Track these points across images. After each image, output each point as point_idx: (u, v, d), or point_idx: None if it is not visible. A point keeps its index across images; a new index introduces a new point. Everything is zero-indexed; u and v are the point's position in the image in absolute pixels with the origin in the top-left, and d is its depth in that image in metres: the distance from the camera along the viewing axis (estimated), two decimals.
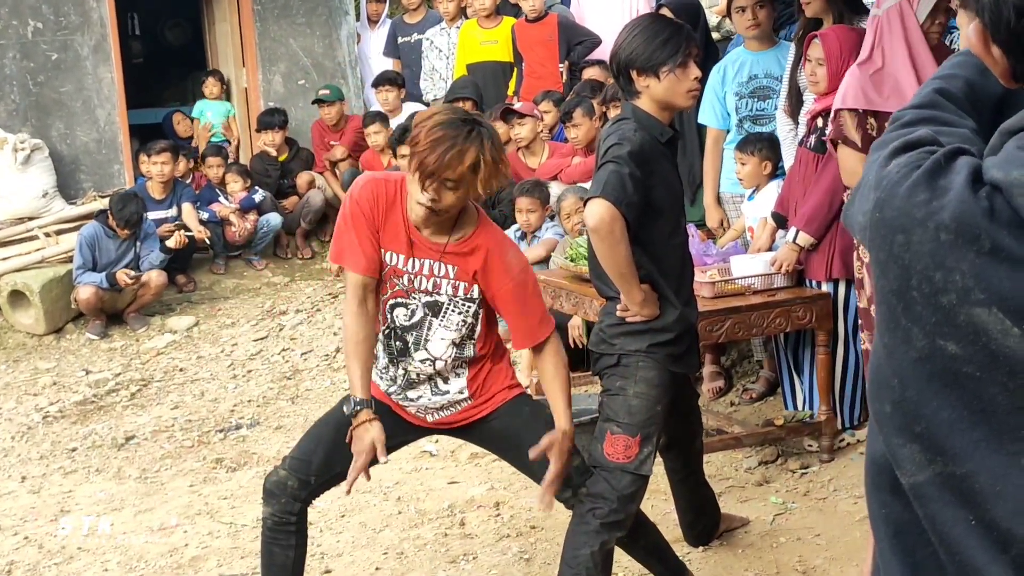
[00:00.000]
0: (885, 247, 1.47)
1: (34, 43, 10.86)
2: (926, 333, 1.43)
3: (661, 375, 4.17)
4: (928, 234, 1.42)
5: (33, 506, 6.26)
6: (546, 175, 8.42)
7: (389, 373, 4.07)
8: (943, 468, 1.44)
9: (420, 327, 3.95)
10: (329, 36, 12.24)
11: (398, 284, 3.92)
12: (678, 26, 4.24)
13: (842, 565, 4.69)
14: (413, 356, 3.99)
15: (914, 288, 1.43)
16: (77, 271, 9.42)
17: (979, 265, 1.38)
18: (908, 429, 1.47)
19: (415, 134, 3.65)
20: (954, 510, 1.43)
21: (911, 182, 1.46)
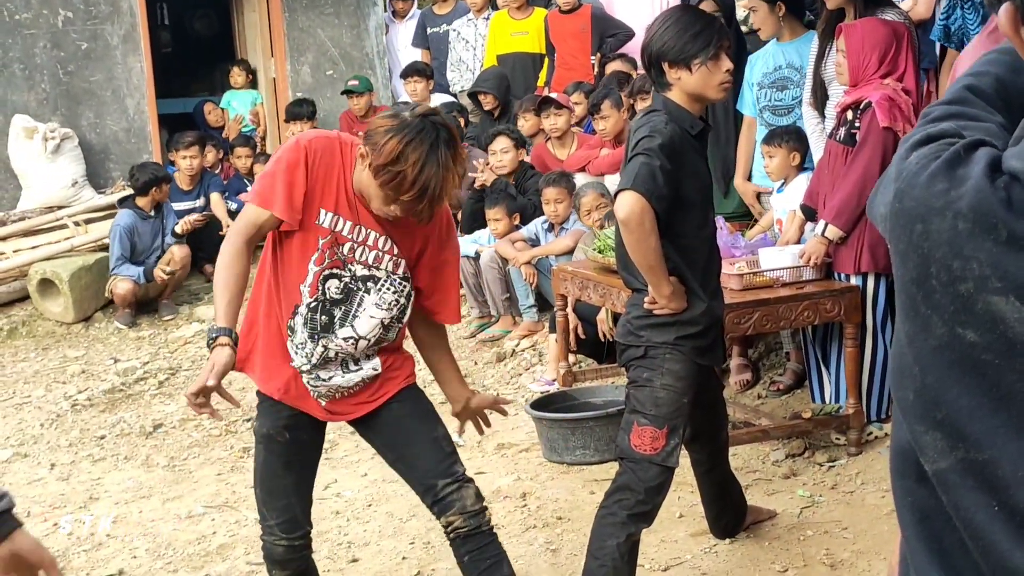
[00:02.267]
0: (905, 237, 1.48)
1: (64, 32, 10.92)
2: (945, 321, 1.44)
3: (688, 367, 4.17)
4: (946, 223, 1.42)
5: (62, 493, 6.30)
6: (574, 167, 8.42)
7: (306, 349, 3.77)
8: (965, 454, 1.44)
9: (350, 302, 3.75)
10: (357, 27, 12.26)
11: (337, 254, 3.69)
12: (710, 18, 4.23)
13: (870, 559, 4.67)
14: (336, 333, 3.75)
15: (933, 277, 1.44)
16: (116, 263, 9.49)
17: (996, 254, 1.39)
18: (930, 416, 1.48)
19: (385, 148, 3.44)
20: (977, 495, 1.43)
21: (930, 172, 1.47)
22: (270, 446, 3.89)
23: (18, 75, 10.79)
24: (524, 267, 7.89)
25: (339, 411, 3.90)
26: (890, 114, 5.52)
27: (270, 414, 3.90)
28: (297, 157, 3.63)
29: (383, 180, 3.45)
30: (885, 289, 5.70)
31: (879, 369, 5.80)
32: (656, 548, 4.93)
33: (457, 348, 8.20)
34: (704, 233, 4.25)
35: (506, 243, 8.06)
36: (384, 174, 3.44)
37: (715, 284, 4.34)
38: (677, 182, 4.02)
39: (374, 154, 3.45)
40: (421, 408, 3.94)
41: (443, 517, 3.82)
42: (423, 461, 3.86)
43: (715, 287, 4.33)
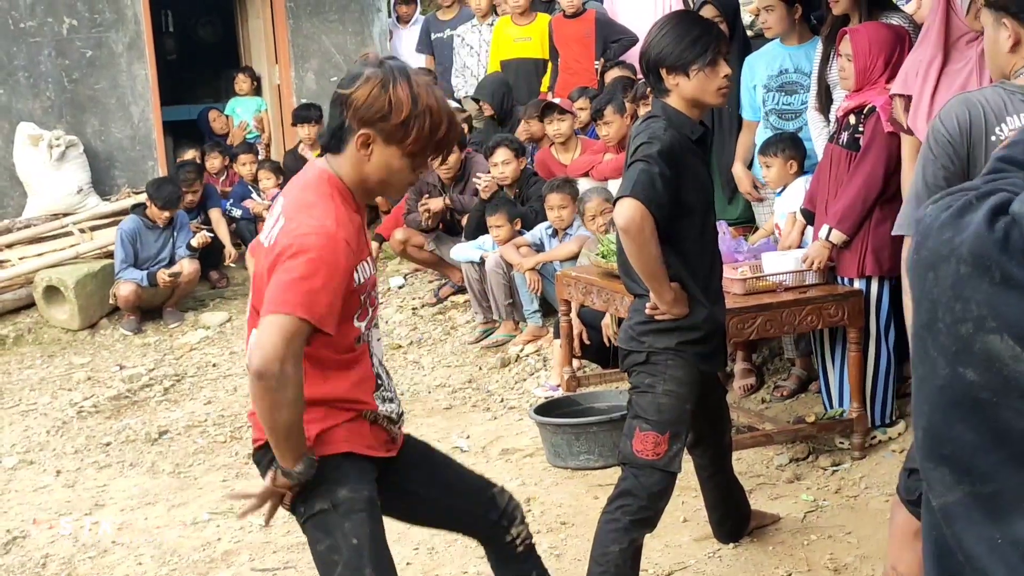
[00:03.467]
0: (919, 285, 1.54)
1: (69, 40, 10.95)
2: (948, 362, 1.49)
3: (690, 373, 4.18)
4: (951, 268, 1.48)
5: (68, 500, 6.32)
6: (577, 171, 8.43)
7: (392, 389, 3.40)
8: (971, 488, 1.49)
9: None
10: (361, 33, 12.28)
11: (372, 303, 3.26)
12: (707, 24, 4.25)
13: (873, 563, 4.67)
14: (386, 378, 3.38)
15: (939, 320, 1.49)
16: (120, 267, 9.51)
17: (991, 294, 1.44)
18: (937, 452, 1.53)
19: (397, 99, 3.03)
20: (981, 529, 1.48)
21: (940, 222, 1.53)
22: (375, 512, 3.22)
23: (23, 83, 10.81)
24: (528, 274, 7.90)
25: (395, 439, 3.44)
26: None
27: (364, 476, 3.22)
28: (344, 250, 3.03)
29: (419, 131, 3.04)
30: (889, 293, 5.70)
31: (882, 373, 5.80)
32: (660, 553, 4.94)
33: (461, 354, 8.22)
34: (705, 239, 4.26)
35: (511, 248, 8.06)
36: (416, 125, 3.04)
37: (717, 290, 4.34)
38: (677, 188, 4.03)
39: (394, 115, 3.03)
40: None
41: (513, 528, 3.52)
42: (469, 479, 3.56)
43: (717, 293, 4.34)
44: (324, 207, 3.07)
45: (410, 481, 3.40)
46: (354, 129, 3.08)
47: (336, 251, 2.99)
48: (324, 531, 3.13)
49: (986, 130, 3.08)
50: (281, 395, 2.91)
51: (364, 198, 3.22)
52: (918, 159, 3.25)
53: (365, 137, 3.06)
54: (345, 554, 3.09)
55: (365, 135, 3.06)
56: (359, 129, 3.07)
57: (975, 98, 3.15)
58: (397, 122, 3.03)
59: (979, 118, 3.10)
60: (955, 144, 3.11)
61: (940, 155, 3.13)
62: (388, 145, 3.07)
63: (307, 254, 2.96)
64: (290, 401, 2.93)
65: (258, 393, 2.94)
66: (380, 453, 3.26)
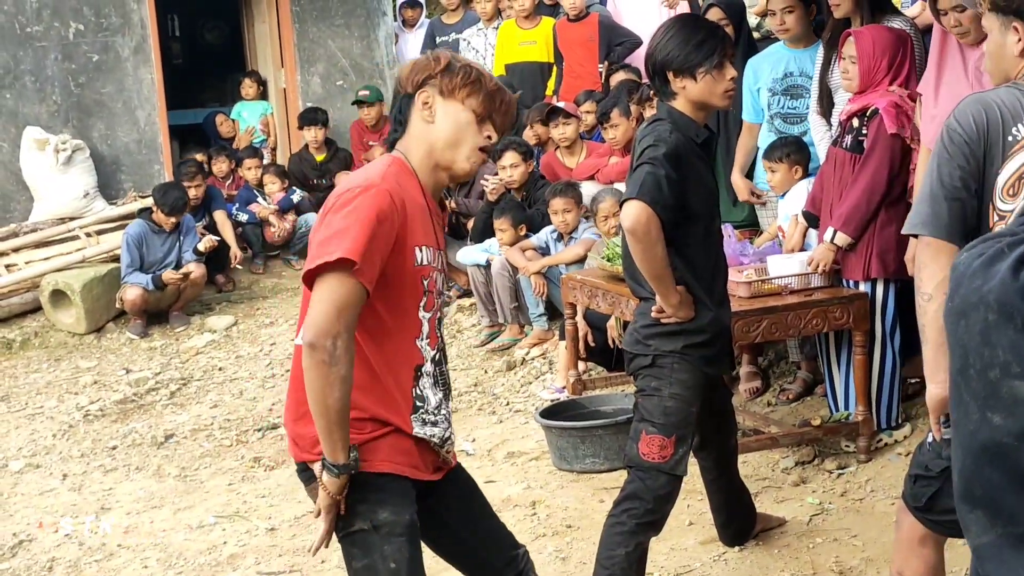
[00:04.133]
0: (953, 331, 1.59)
1: (75, 44, 10.96)
2: (978, 406, 1.54)
3: (695, 376, 4.18)
4: (979, 315, 1.53)
5: (74, 503, 6.32)
6: (583, 175, 8.43)
7: (443, 412, 3.22)
8: (1003, 529, 1.53)
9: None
10: (367, 37, 12.30)
11: (435, 288, 3.17)
12: (713, 27, 4.25)
13: (879, 567, 4.67)
14: (450, 379, 3.31)
15: (971, 366, 1.54)
16: (126, 271, 9.52)
17: (1015, 341, 1.49)
18: (971, 495, 1.57)
19: (461, 73, 3.13)
20: (1009, 568, 1.52)
21: (972, 270, 1.58)
22: (414, 537, 3.13)
23: (29, 87, 10.83)
24: (533, 278, 7.90)
25: (443, 465, 3.32)
26: (898, 121, 5.53)
27: (407, 498, 3.13)
28: (387, 205, 2.97)
29: (465, 75, 3.12)
30: (894, 296, 5.70)
31: (888, 376, 5.80)
32: (666, 556, 4.93)
33: (467, 357, 8.22)
34: (710, 242, 4.26)
35: (517, 252, 8.07)
36: (462, 70, 3.13)
37: (722, 293, 4.34)
38: (682, 191, 4.03)
39: (437, 65, 3.14)
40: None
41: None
42: (500, 531, 3.47)
43: (722, 296, 4.34)
44: (375, 169, 3.10)
45: (446, 511, 3.34)
46: (411, 96, 3.15)
47: (379, 202, 2.95)
48: (363, 550, 3.08)
49: (1003, 130, 3.07)
50: (335, 371, 2.87)
51: (432, 180, 3.19)
52: (931, 158, 3.24)
53: (423, 98, 3.12)
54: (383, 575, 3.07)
55: (423, 96, 3.12)
56: (415, 93, 3.14)
57: (990, 98, 3.14)
58: (442, 69, 3.12)
59: (996, 118, 3.09)
60: (972, 144, 3.10)
61: (956, 154, 3.12)
62: (446, 99, 3.12)
63: (348, 206, 2.95)
64: (343, 378, 2.88)
65: (311, 369, 2.89)
66: (425, 476, 3.18)
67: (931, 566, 3.37)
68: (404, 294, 3.06)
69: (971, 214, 3.08)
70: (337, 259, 2.87)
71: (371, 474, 3.04)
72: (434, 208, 3.19)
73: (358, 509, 3.04)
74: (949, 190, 3.11)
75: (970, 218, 3.09)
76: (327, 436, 2.94)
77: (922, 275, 3.16)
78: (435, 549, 3.47)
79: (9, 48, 10.73)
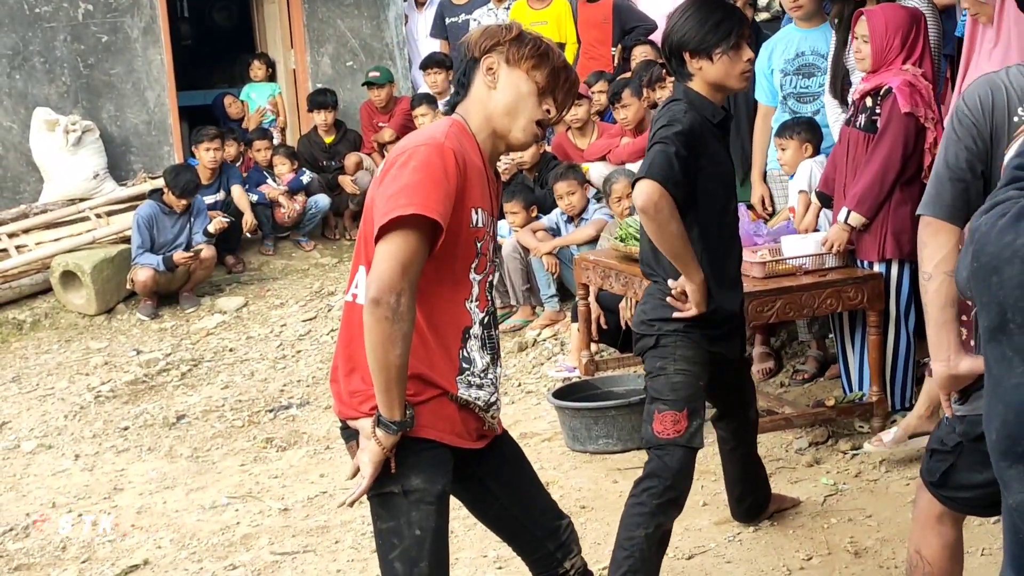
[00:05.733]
0: (985, 290, 1.60)
1: (84, 25, 10.94)
2: (1022, 359, 1.53)
3: (699, 353, 4.20)
4: (1015, 269, 1.54)
5: (87, 484, 6.33)
6: (594, 156, 8.41)
7: (490, 376, 3.20)
8: None
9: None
10: (377, 17, 12.26)
11: (488, 252, 3.16)
12: (730, 7, 4.24)
13: (894, 546, 4.66)
14: (499, 343, 3.28)
15: (1010, 320, 1.55)
16: (136, 252, 9.52)
17: None
18: (1012, 451, 1.57)
19: (531, 44, 3.15)
20: None
21: (999, 228, 1.60)
22: (443, 508, 3.13)
23: (39, 68, 10.81)
24: (546, 257, 7.89)
25: (488, 432, 3.29)
26: (911, 99, 5.49)
27: (442, 467, 3.13)
28: (453, 162, 2.98)
29: (533, 47, 3.14)
30: (909, 276, 5.67)
31: (902, 357, 5.78)
32: (680, 536, 4.92)
33: None
34: (724, 223, 4.23)
35: (527, 233, 8.05)
36: (531, 42, 3.15)
37: (734, 276, 4.33)
38: (696, 170, 4.02)
39: (508, 34, 3.16)
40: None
41: (567, 560, 3.42)
42: (544, 501, 3.45)
43: (734, 279, 4.32)
44: (438, 128, 3.10)
45: (491, 478, 3.33)
46: (476, 59, 3.15)
47: (445, 159, 2.95)
48: (390, 512, 3.08)
49: (1009, 110, 3.06)
50: (398, 327, 2.87)
51: (490, 146, 3.18)
52: (942, 140, 3.24)
53: (488, 63, 3.13)
54: (406, 541, 3.06)
55: (488, 61, 3.12)
56: (481, 57, 3.15)
57: (998, 79, 3.13)
58: (511, 38, 3.13)
59: (1002, 99, 3.08)
60: (978, 125, 3.09)
61: (964, 136, 3.11)
62: (511, 67, 3.13)
63: (414, 160, 2.96)
64: (404, 335, 2.89)
65: (374, 326, 2.88)
66: (467, 443, 3.17)
67: (948, 544, 3.36)
68: (457, 254, 3.05)
69: (976, 196, 3.08)
70: (411, 215, 2.88)
71: (410, 438, 3.03)
72: (491, 175, 3.19)
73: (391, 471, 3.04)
74: (954, 171, 3.10)
75: (974, 200, 3.09)
76: (385, 392, 2.94)
77: (923, 254, 3.16)
78: (478, 516, 3.49)
79: (18, 29, 10.70)
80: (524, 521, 3.39)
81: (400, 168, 2.97)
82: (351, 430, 3.13)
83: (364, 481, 3.03)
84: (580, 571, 3.47)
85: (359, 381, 3.07)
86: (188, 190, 9.58)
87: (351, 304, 3.11)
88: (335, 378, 3.20)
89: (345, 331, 3.15)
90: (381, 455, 3.00)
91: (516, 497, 3.38)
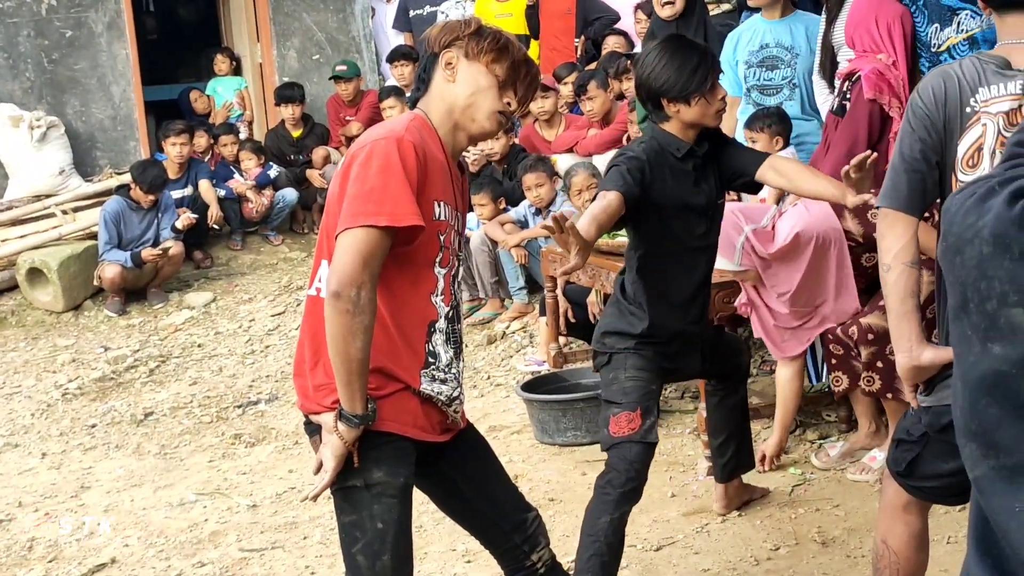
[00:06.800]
0: (950, 269, 1.64)
1: (48, 20, 10.87)
2: (979, 338, 1.58)
3: (651, 363, 4.29)
4: (974, 250, 1.58)
5: (54, 482, 6.29)
6: (562, 147, 8.41)
7: (453, 371, 3.20)
8: (995, 461, 1.56)
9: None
10: (343, 10, 12.22)
11: (451, 245, 3.16)
12: (703, 50, 4.28)
13: (861, 536, 4.68)
14: (463, 337, 3.29)
15: (970, 300, 1.59)
16: (104, 248, 9.47)
17: (1011, 270, 1.53)
18: (968, 429, 1.61)
19: (489, 38, 3.16)
20: (1003, 499, 1.56)
21: (965, 208, 1.63)
22: (406, 500, 3.14)
23: (2, 64, 10.74)
24: (514, 249, 7.88)
25: (452, 426, 3.30)
26: (876, 86, 5.51)
27: (404, 460, 3.12)
28: (411, 157, 2.97)
29: (492, 41, 3.15)
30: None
31: None
32: (648, 528, 4.94)
33: None
34: (666, 248, 4.25)
35: (495, 226, 8.05)
36: (490, 36, 3.16)
37: (684, 298, 4.31)
38: (645, 187, 4.07)
39: (467, 28, 3.18)
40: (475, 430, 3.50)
41: (535, 553, 3.43)
42: (510, 494, 3.46)
43: (683, 301, 4.32)
44: (398, 122, 3.11)
45: (455, 472, 3.35)
46: (436, 54, 3.18)
47: (404, 153, 2.95)
48: (352, 505, 3.08)
49: (961, 101, 3.08)
50: (358, 320, 2.88)
51: (452, 140, 3.19)
52: (899, 132, 3.25)
53: (447, 58, 3.14)
54: (368, 534, 3.07)
55: (447, 55, 3.14)
56: (440, 52, 3.17)
57: (952, 70, 3.15)
58: (470, 32, 3.14)
59: (955, 89, 3.10)
60: (932, 116, 3.11)
61: (918, 127, 3.13)
62: (470, 61, 3.14)
63: (376, 159, 2.95)
64: (365, 327, 2.90)
65: (334, 319, 2.90)
66: (431, 436, 3.18)
67: (914, 533, 3.38)
68: (421, 248, 3.05)
69: (932, 186, 3.10)
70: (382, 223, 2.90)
71: (372, 432, 3.03)
72: (454, 170, 3.19)
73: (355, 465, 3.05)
74: (909, 162, 3.12)
75: (930, 190, 3.11)
76: (346, 385, 2.95)
77: (881, 245, 3.18)
78: (444, 510, 3.51)
79: None
80: (490, 514, 3.41)
81: (362, 166, 2.96)
82: (315, 425, 3.14)
83: (327, 475, 3.03)
84: (548, 563, 3.48)
85: (323, 375, 3.07)
86: (155, 185, 9.53)
87: (314, 298, 3.12)
88: (299, 373, 3.21)
89: (309, 325, 3.15)
90: (343, 449, 3.00)
91: (481, 491, 3.39)
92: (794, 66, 6.55)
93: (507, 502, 3.43)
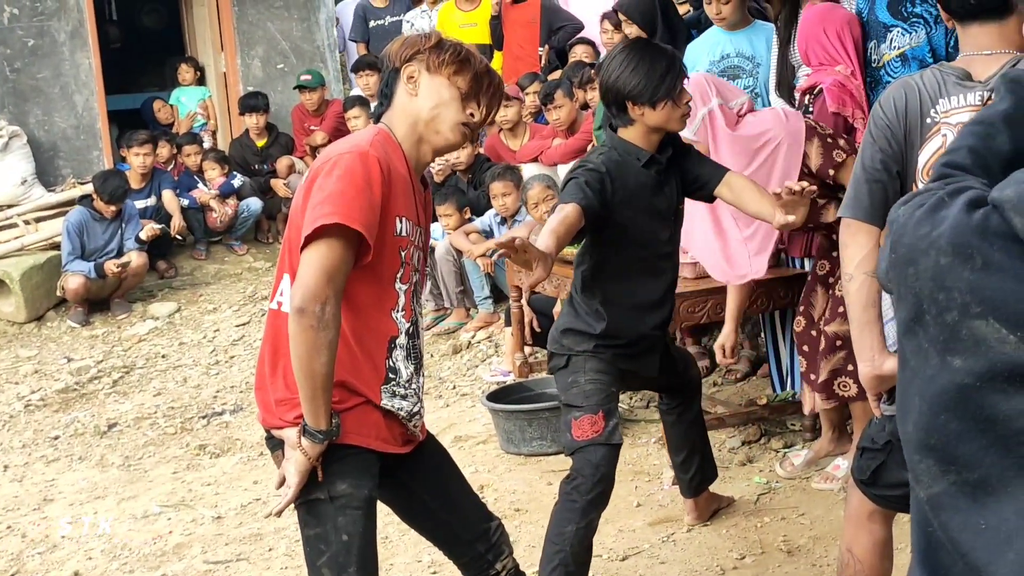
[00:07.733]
0: (902, 281, 1.61)
1: (10, 29, 10.80)
2: (938, 351, 1.55)
3: (610, 367, 4.28)
4: (930, 260, 1.55)
5: (16, 495, 6.24)
6: (526, 157, 8.41)
7: (413, 386, 3.20)
8: (956, 477, 1.54)
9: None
10: (308, 19, 12.20)
11: (411, 261, 3.15)
12: (671, 55, 4.27)
13: (826, 544, 4.69)
14: (423, 352, 3.29)
15: (926, 312, 1.56)
16: (67, 258, 9.41)
17: (973, 281, 1.51)
18: (924, 444, 1.58)
19: (450, 51, 3.17)
20: (966, 516, 1.53)
21: (915, 219, 1.61)
22: (370, 511, 3.13)
23: None
24: (480, 259, 7.87)
25: (412, 438, 3.30)
26: (839, 99, 5.53)
27: (367, 472, 3.12)
28: (375, 170, 2.97)
29: (453, 53, 3.15)
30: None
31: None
32: (614, 538, 4.94)
33: None
34: (630, 254, 4.23)
35: (460, 235, 8.04)
36: (451, 48, 3.17)
37: (646, 302, 4.29)
38: (604, 196, 4.05)
39: (427, 42, 3.18)
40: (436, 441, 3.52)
41: (499, 562, 3.45)
42: (472, 504, 3.47)
43: (644, 305, 4.29)
44: (363, 136, 3.12)
45: (417, 483, 3.35)
46: (398, 69, 3.17)
47: (368, 167, 2.95)
48: (316, 519, 3.07)
49: (921, 112, 3.11)
50: (323, 336, 2.88)
51: (416, 154, 3.19)
52: (861, 143, 3.28)
53: (409, 72, 3.14)
54: (333, 547, 3.05)
55: (409, 70, 3.14)
56: (402, 67, 3.16)
57: (913, 80, 3.19)
58: (431, 45, 3.15)
59: (915, 100, 3.13)
60: (892, 127, 3.14)
61: (879, 138, 3.16)
62: (432, 74, 3.14)
63: (338, 169, 2.95)
64: (330, 343, 2.89)
65: (299, 335, 2.89)
66: (392, 448, 3.17)
67: (879, 541, 3.40)
68: (383, 263, 3.05)
69: (893, 195, 3.12)
70: (334, 224, 2.88)
71: (335, 445, 3.02)
72: (417, 184, 3.19)
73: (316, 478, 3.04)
74: (871, 172, 3.15)
75: (892, 200, 3.13)
76: (310, 401, 2.94)
77: (844, 255, 3.20)
78: (408, 522, 3.51)
79: None
80: (453, 524, 3.41)
81: (325, 177, 2.97)
82: (276, 439, 3.12)
83: (290, 491, 3.02)
84: (512, 572, 3.49)
85: (284, 389, 3.06)
86: (117, 196, 9.48)
87: (275, 312, 3.11)
88: (260, 386, 3.19)
89: (270, 340, 3.14)
90: (307, 465, 3.00)
91: (444, 501, 3.38)
92: (756, 75, 6.56)
93: (469, 512, 3.44)
